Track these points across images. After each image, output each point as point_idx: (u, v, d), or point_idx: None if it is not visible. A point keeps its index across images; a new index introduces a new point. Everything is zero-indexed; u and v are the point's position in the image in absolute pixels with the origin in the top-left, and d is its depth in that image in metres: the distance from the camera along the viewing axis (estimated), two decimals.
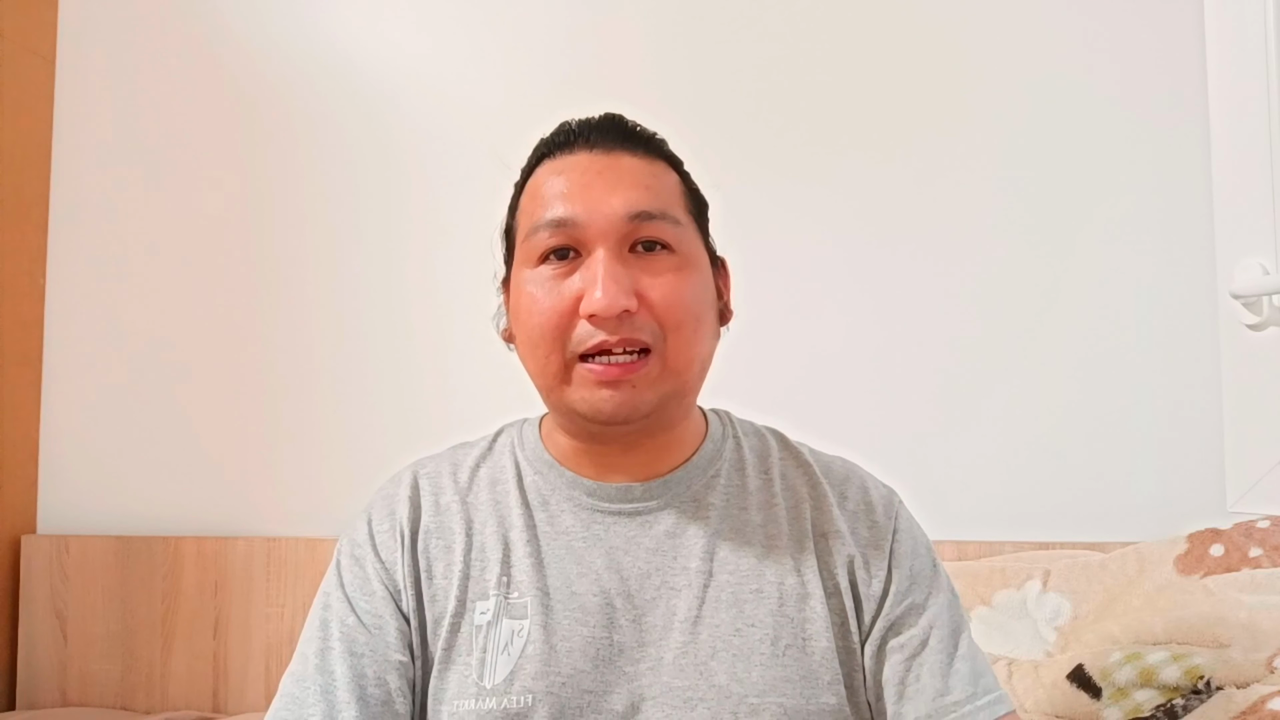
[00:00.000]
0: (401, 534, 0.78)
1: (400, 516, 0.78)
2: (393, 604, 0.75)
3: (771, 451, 0.83)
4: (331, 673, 0.73)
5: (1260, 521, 1.16)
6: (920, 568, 0.79)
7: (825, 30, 1.61)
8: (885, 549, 0.78)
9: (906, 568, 0.78)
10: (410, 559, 0.77)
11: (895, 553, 0.78)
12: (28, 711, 1.64)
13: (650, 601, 0.74)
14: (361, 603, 0.76)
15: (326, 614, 0.76)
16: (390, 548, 0.77)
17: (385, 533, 0.78)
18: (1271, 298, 1.24)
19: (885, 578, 0.77)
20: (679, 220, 0.75)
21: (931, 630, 0.76)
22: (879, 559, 0.78)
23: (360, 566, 0.77)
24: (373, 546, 0.78)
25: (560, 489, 0.79)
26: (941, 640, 0.76)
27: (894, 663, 0.75)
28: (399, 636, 0.75)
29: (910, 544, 0.80)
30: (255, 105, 1.78)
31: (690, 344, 0.74)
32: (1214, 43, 1.31)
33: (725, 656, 0.72)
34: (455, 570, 0.76)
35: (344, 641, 0.74)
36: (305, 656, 0.75)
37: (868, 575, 0.77)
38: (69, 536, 1.71)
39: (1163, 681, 1.01)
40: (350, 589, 0.77)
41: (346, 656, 0.73)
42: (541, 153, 0.79)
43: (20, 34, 1.77)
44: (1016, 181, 1.53)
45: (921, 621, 0.76)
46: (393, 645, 0.74)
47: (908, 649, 0.75)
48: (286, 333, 1.74)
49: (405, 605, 0.75)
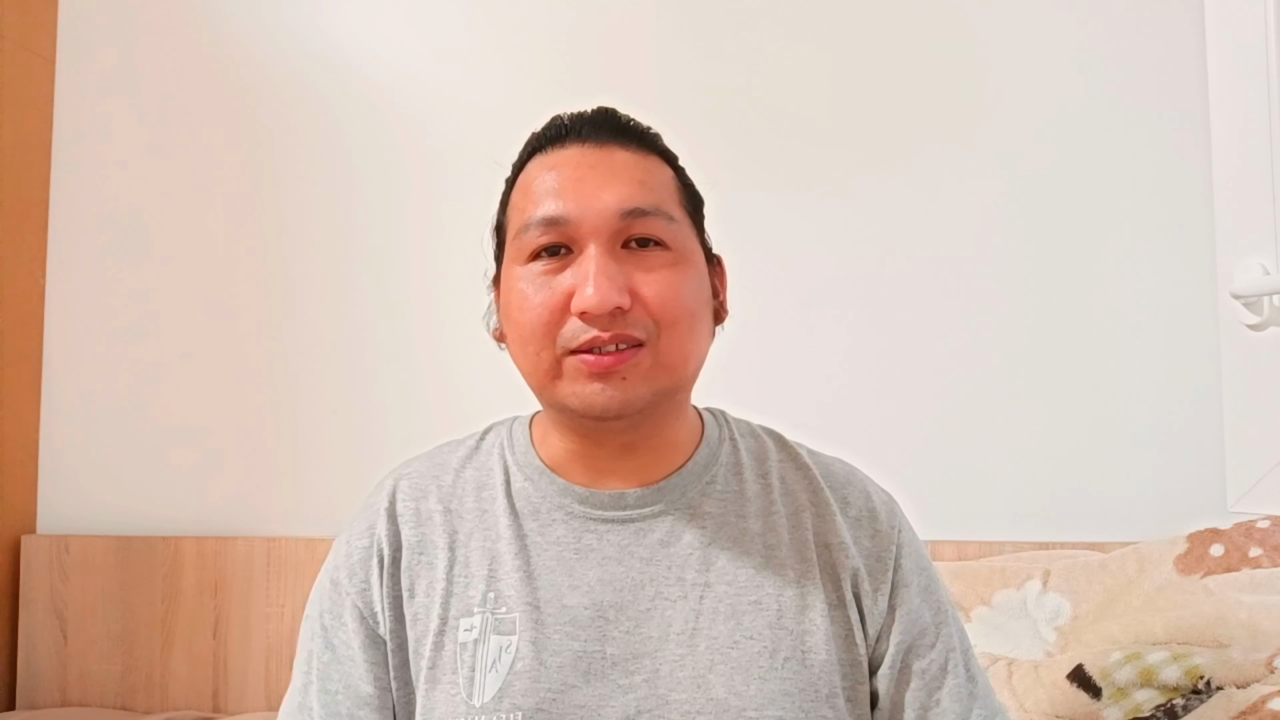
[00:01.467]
0: (380, 555, 0.76)
1: (379, 535, 0.77)
2: (364, 632, 0.74)
3: (769, 454, 0.81)
4: (310, 710, 0.75)
5: (1260, 521, 1.16)
6: (926, 582, 0.78)
7: (824, 34, 1.61)
8: (889, 561, 0.77)
9: (914, 584, 0.77)
10: (390, 581, 0.75)
11: (900, 566, 0.77)
12: (28, 711, 1.64)
13: (645, 613, 0.72)
14: (335, 635, 0.75)
15: (311, 644, 0.77)
16: (366, 570, 0.76)
17: (361, 553, 0.77)
18: (1271, 298, 1.24)
19: (890, 593, 0.76)
20: (673, 216, 0.73)
21: (949, 655, 0.76)
22: (882, 571, 0.76)
23: (336, 592, 0.77)
24: (349, 570, 0.77)
25: (551, 497, 0.76)
26: (957, 665, 0.76)
27: (915, 688, 0.75)
28: (369, 669, 0.74)
29: (914, 557, 0.79)
30: (255, 105, 1.78)
31: (685, 340, 0.72)
32: (1214, 43, 1.31)
33: (723, 669, 0.71)
34: (437, 588, 0.74)
35: (320, 680, 0.75)
36: (294, 688, 0.77)
37: (871, 588, 0.76)
38: (69, 536, 1.72)
39: (1163, 681, 1.00)
40: (327, 619, 0.76)
41: (321, 695, 0.74)
42: (532, 147, 0.77)
43: (20, 34, 1.78)
44: (1016, 182, 1.53)
45: (939, 644, 0.76)
46: (364, 679, 0.74)
47: (929, 674, 0.75)
48: (286, 332, 1.74)
49: (383, 629, 0.74)
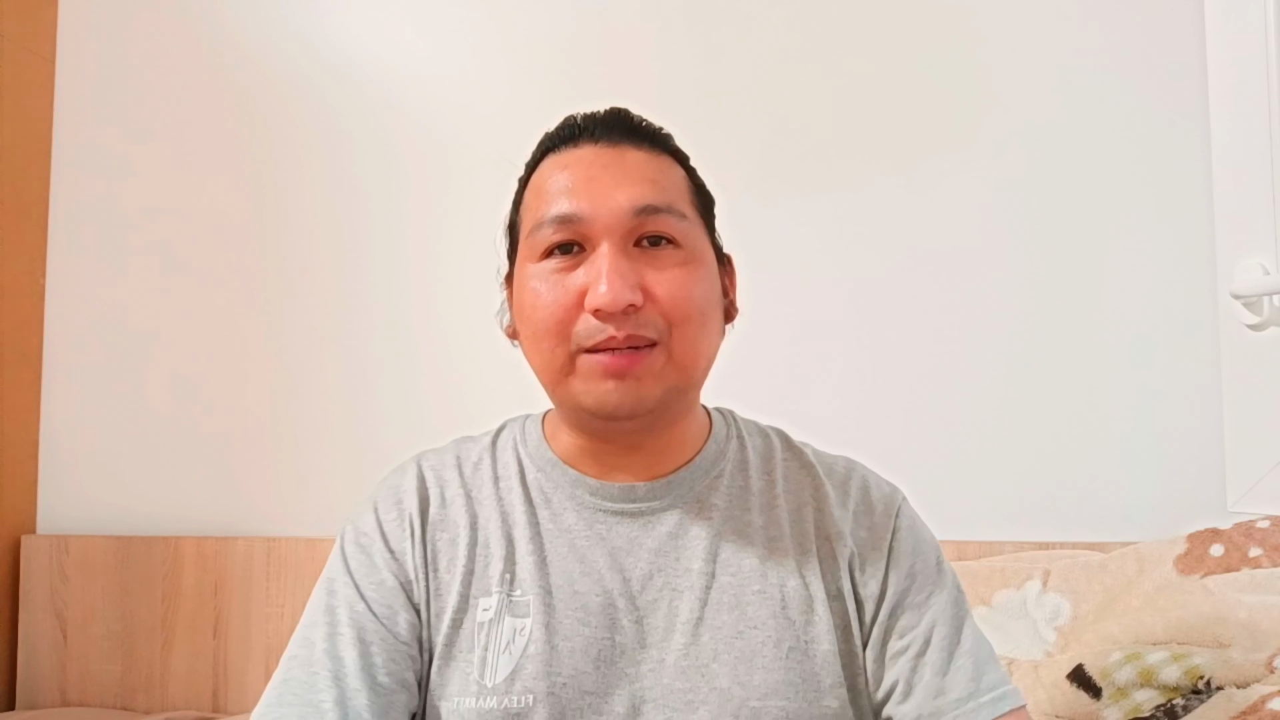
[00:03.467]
0: (411, 524, 0.76)
1: (409, 506, 0.77)
2: (403, 595, 0.75)
3: (775, 452, 0.83)
4: (341, 659, 0.71)
5: (1260, 521, 1.16)
6: (922, 567, 0.78)
7: (825, 36, 1.61)
8: (884, 548, 0.78)
9: (905, 567, 0.77)
10: (421, 549, 0.76)
11: (895, 551, 0.78)
12: (28, 711, 1.63)
13: (652, 603, 0.74)
14: (370, 591, 0.74)
15: (333, 600, 0.74)
16: (400, 538, 0.76)
17: (393, 522, 0.77)
18: (1271, 298, 1.25)
19: (882, 578, 0.77)
20: (685, 215, 0.74)
21: (934, 629, 0.75)
22: (876, 559, 0.77)
23: (368, 555, 0.76)
24: (381, 536, 0.76)
25: (563, 487, 0.78)
26: (944, 638, 0.75)
27: (898, 664, 0.75)
28: (409, 628, 0.74)
29: (911, 542, 0.79)
30: (255, 105, 1.78)
31: (696, 339, 0.73)
32: (1214, 43, 1.31)
33: (727, 659, 0.72)
34: (459, 565, 0.75)
35: (353, 628, 0.73)
36: (311, 642, 0.73)
37: (864, 576, 0.77)
38: (69, 536, 1.71)
39: (1163, 681, 1.01)
40: (358, 576, 0.75)
41: (356, 644, 0.72)
42: (546, 147, 0.78)
43: (20, 34, 1.77)
44: (1017, 182, 1.53)
45: (923, 621, 0.75)
46: (403, 636, 0.73)
47: (911, 650, 0.75)
48: (287, 332, 1.74)
49: (416, 596, 0.75)
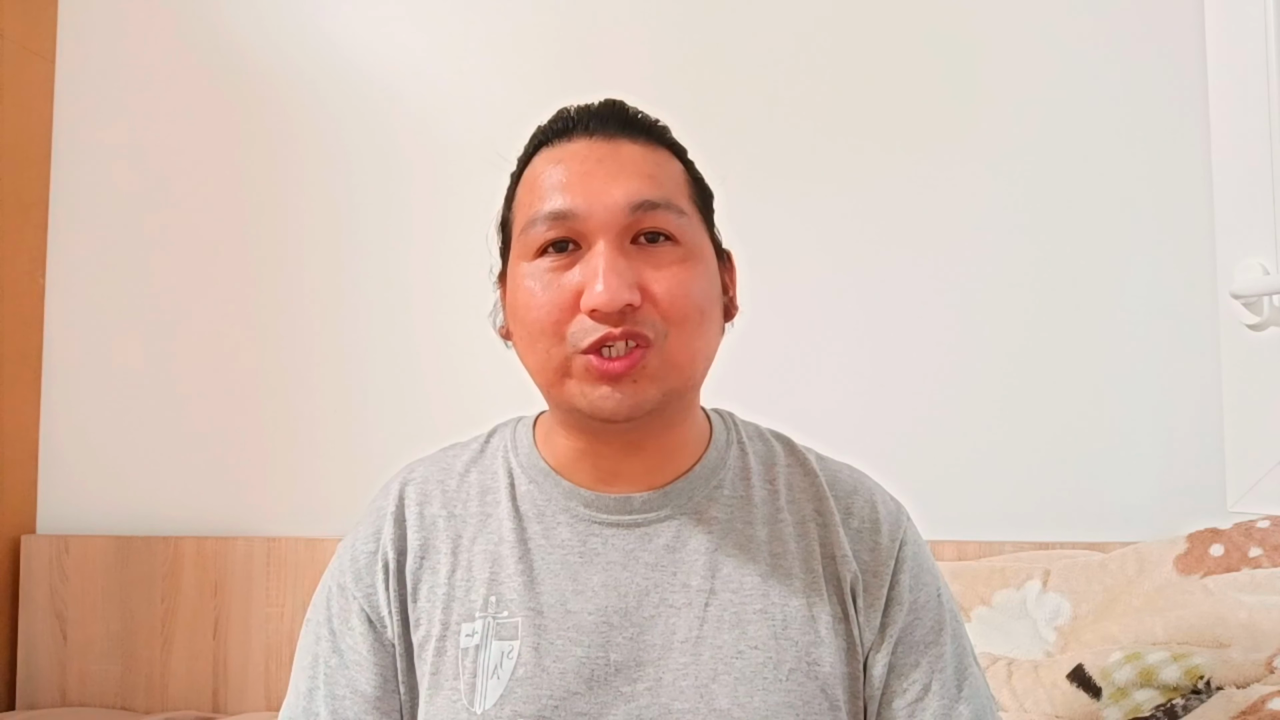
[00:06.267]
0: (385, 561, 0.76)
1: (385, 540, 0.76)
2: (372, 637, 0.74)
3: (778, 459, 0.80)
4: (317, 715, 0.74)
5: (1260, 521, 1.16)
6: (925, 600, 0.76)
7: (823, 32, 1.61)
8: (885, 577, 0.75)
9: (907, 602, 0.75)
10: (396, 585, 0.75)
11: (897, 584, 0.75)
12: (28, 711, 1.63)
13: (649, 619, 0.71)
14: (344, 640, 0.75)
15: (317, 648, 0.76)
16: (371, 575, 0.76)
17: (367, 558, 0.77)
18: (1271, 298, 1.24)
19: (884, 609, 0.74)
20: (683, 210, 0.72)
21: (934, 676, 0.74)
22: (877, 587, 0.75)
23: (344, 596, 0.76)
24: (355, 574, 0.76)
25: (556, 499, 0.75)
26: (944, 685, 0.74)
27: (897, 706, 0.73)
28: (378, 673, 0.74)
29: (914, 571, 0.77)
30: (255, 104, 1.78)
31: (694, 339, 0.70)
32: (1214, 43, 1.31)
33: (727, 679, 0.70)
34: (439, 593, 0.74)
35: (327, 684, 0.74)
36: (298, 692, 0.76)
37: (864, 603, 0.74)
38: (69, 536, 1.71)
39: (1163, 681, 1.01)
40: (336, 623, 0.76)
41: (329, 700, 0.74)
42: (539, 141, 0.75)
43: (20, 34, 1.78)
44: (1017, 181, 1.53)
45: (924, 664, 0.74)
46: (372, 683, 0.73)
47: (910, 694, 0.73)
48: (287, 332, 1.74)
49: (391, 633, 0.74)
